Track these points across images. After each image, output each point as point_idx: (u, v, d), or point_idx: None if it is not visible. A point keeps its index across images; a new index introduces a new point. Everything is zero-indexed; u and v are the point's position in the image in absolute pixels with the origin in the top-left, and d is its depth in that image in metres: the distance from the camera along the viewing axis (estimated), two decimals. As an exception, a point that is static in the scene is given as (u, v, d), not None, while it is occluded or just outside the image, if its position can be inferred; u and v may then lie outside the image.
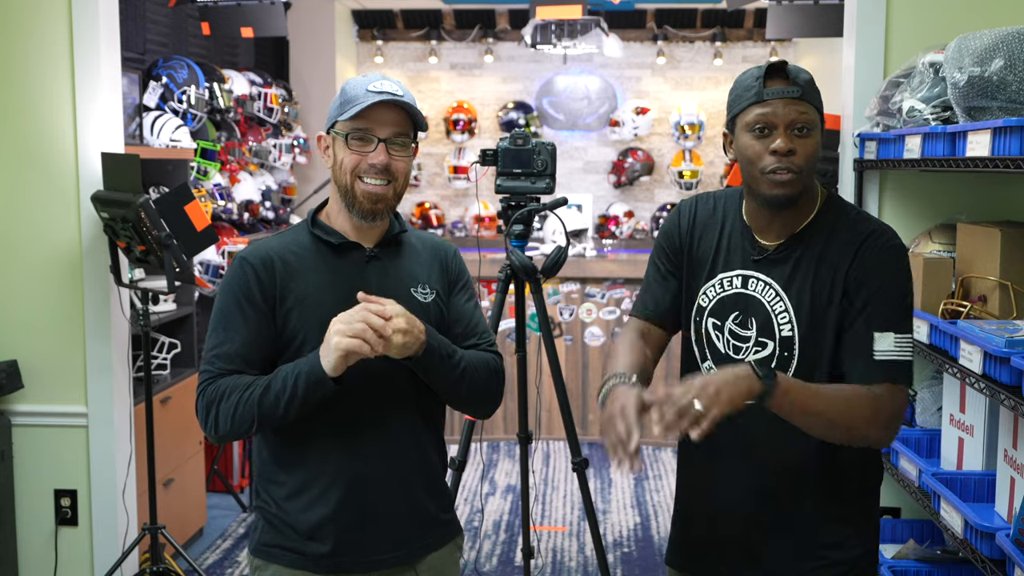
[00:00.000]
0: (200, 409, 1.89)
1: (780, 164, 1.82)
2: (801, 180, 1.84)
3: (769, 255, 1.92)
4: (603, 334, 6.19)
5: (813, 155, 1.84)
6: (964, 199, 3.07)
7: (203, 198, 4.80)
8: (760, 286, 1.92)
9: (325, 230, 1.98)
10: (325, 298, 1.91)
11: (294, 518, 1.93)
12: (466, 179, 7.28)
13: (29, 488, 3.53)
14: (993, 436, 2.50)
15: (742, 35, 7.37)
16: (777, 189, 1.84)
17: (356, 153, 1.91)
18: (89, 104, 3.41)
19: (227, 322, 1.91)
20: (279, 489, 1.95)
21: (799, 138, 1.82)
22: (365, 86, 1.92)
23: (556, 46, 6.18)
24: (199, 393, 1.90)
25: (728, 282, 1.96)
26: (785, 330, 1.89)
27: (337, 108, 1.95)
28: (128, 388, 3.59)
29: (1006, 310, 2.46)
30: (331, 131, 1.96)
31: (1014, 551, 2.03)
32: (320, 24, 6.89)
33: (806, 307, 1.87)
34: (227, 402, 1.85)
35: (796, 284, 1.89)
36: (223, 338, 1.90)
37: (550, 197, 3.08)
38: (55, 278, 3.46)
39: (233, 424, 1.86)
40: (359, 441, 1.93)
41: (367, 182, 1.91)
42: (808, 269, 1.88)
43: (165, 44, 5.07)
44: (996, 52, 2.14)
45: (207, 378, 1.89)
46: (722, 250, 1.98)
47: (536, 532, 4.70)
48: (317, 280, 1.93)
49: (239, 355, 1.89)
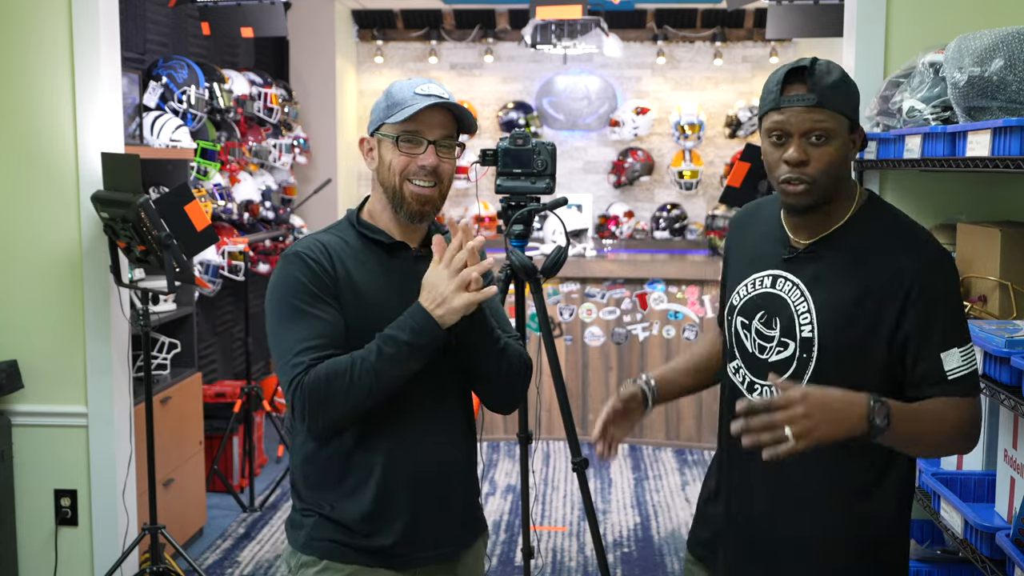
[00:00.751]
0: (302, 402, 1.82)
1: (792, 174, 1.81)
2: (816, 190, 1.81)
3: (799, 255, 1.90)
4: (603, 334, 6.19)
5: (830, 163, 1.80)
6: (964, 199, 3.07)
7: (203, 198, 4.80)
8: (787, 286, 1.90)
9: (372, 229, 1.99)
10: (381, 296, 1.93)
11: (350, 515, 1.93)
12: (466, 179, 7.28)
13: (29, 488, 3.53)
14: (993, 436, 2.50)
15: (742, 35, 7.37)
16: (791, 199, 1.84)
17: (406, 155, 1.93)
18: (89, 104, 3.41)
19: (300, 315, 1.87)
20: (333, 490, 1.94)
21: (814, 147, 1.79)
22: (412, 89, 1.95)
23: (556, 46, 6.18)
24: (294, 388, 1.82)
25: (760, 281, 1.95)
26: (806, 331, 1.86)
27: (384, 111, 1.96)
28: (128, 388, 3.59)
29: (1006, 310, 2.46)
30: (376, 133, 1.97)
31: (1014, 551, 2.03)
32: (320, 24, 6.90)
33: (830, 309, 1.84)
34: (337, 382, 1.80)
35: (821, 285, 1.86)
36: (304, 330, 1.85)
37: (550, 197, 3.08)
38: (55, 278, 3.46)
39: (349, 400, 1.81)
40: (413, 436, 1.94)
41: (416, 184, 1.93)
42: (836, 271, 1.86)
43: (165, 44, 5.07)
44: (996, 52, 2.14)
45: (301, 371, 1.82)
46: (757, 251, 1.98)
47: (536, 532, 4.70)
48: (372, 278, 1.94)
49: (328, 344, 1.85)
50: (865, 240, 1.86)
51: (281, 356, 1.87)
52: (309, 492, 1.97)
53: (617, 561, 4.39)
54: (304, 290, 1.88)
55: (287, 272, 1.91)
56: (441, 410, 1.99)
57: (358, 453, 1.93)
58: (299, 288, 1.88)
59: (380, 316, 1.88)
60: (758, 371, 1.92)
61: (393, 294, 1.92)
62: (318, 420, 1.84)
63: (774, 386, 1.69)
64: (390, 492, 1.93)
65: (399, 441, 1.93)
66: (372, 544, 1.93)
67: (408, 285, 1.91)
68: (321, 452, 1.95)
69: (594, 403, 6.16)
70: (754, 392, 1.93)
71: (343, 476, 1.94)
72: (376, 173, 1.98)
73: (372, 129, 1.99)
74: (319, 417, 1.83)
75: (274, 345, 1.90)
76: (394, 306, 1.88)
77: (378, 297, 1.93)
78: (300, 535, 1.97)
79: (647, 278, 6.18)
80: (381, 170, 1.96)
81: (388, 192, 1.96)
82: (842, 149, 1.82)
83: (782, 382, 1.68)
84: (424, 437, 1.96)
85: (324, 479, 1.96)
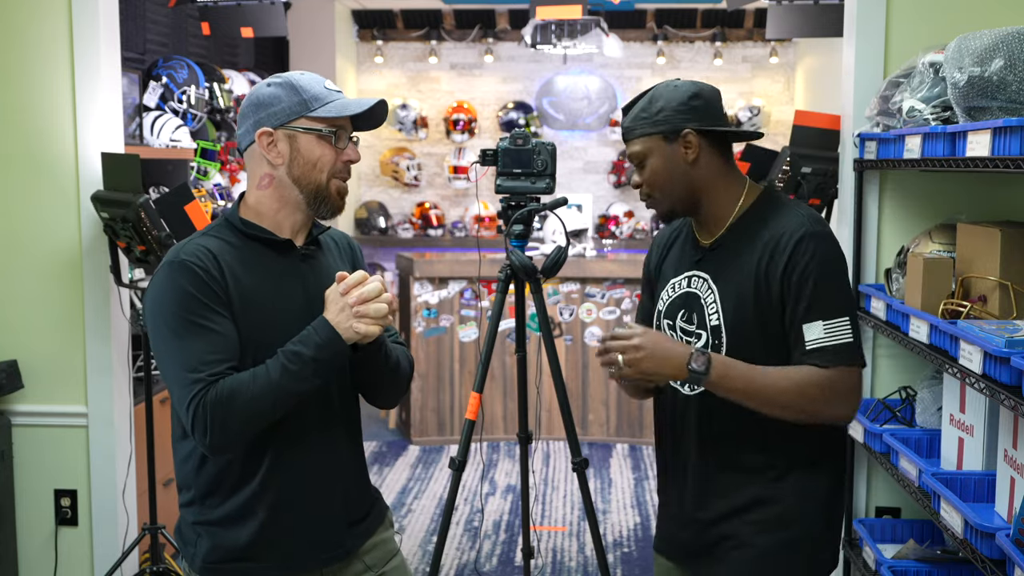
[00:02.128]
0: (203, 421, 1.76)
1: (641, 196, 2.12)
2: (657, 201, 2.08)
3: (706, 254, 2.08)
4: (603, 334, 6.18)
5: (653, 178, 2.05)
6: (964, 199, 3.07)
7: (203, 198, 4.80)
8: (699, 282, 2.08)
9: (257, 229, 1.92)
10: (271, 298, 1.88)
11: (235, 533, 1.90)
12: (466, 179, 7.28)
13: (29, 488, 3.52)
14: (993, 436, 2.50)
15: (742, 35, 7.37)
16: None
17: (335, 150, 1.91)
18: (89, 104, 3.41)
19: (193, 329, 1.78)
20: (223, 505, 1.91)
21: (641, 169, 2.07)
22: (321, 84, 1.93)
23: (556, 46, 6.18)
24: (194, 407, 1.76)
25: (678, 284, 2.12)
26: (713, 319, 2.02)
27: (300, 104, 1.88)
28: (128, 388, 3.59)
29: (1006, 310, 2.46)
30: (284, 127, 1.89)
31: (1014, 551, 2.03)
32: (320, 24, 6.90)
33: (730, 295, 2.00)
34: (239, 400, 1.76)
35: (722, 274, 2.03)
36: (199, 345, 1.78)
37: (550, 197, 3.08)
38: (55, 278, 3.46)
39: (251, 418, 1.78)
40: (302, 441, 1.92)
41: (339, 179, 1.93)
42: (733, 260, 2.02)
43: (165, 44, 5.07)
44: (996, 52, 2.14)
45: (200, 388, 1.75)
46: (677, 260, 2.15)
47: (536, 532, 4.70)
48: (259, 280, 1.88)
49: (224, 358, 1.79)
50: (755, 228, 2.02)
51: (175, 374, 1.79)
52: (198, 497, 1.93)
53: (617, 561, 4.39)
54: (194, 301, 1.79)
55: (173, 282, 1.81)
56: (329, 414, 1.96)
57: (251, 465, 1.89)
58: (188, 300, 1.79)
59: (271, 319, 1.85)
60: None
61: (282, 295, 1.89)
62: (217, 437, 1.77)
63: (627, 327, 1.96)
64: (280, 502, 1.90)
65: (288, 446, 1.90)
66: (269, 557, 1.92)
67: (296, 285, 1.91)
68: (212, 461, 1.90)
69: (594, 403, 6.16)
70: (684, 386, 2.08)
71: (235, 486, 1.90)
72: (286, 169, 1.90)
73: (279, 123, 1.89)
74: (218, 435, 1.77)
75: (165, 362, 1.82)
76: (284, 308, 1.87)
77: (268, 299, 1.87)
78: (196, 554, 1.96)
79: (647, 278, 6.18)
80: (298, 166, 1.89)
81: (309, 190, 1.90)
82: (659, 164, 2.03)
83: (631, 323, 2.00)
84: (314, 439, 1.93)
85: (210, 486, 1.91)
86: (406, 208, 7.60)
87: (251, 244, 1.91)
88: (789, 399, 1.92)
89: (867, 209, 3.14)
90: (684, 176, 2.03)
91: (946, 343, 2.45)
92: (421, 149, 7.75)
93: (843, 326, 1.93)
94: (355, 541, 2.03)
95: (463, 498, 5.15)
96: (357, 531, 2.03)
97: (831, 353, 1.92)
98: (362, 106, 1.91)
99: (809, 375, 1.92)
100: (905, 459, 2.73)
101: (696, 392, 2.05)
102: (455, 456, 3.08)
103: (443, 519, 3.09)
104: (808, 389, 1.92)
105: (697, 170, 2.03)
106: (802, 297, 1.93)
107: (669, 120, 2.02)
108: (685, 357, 1.90)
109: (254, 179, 1.94)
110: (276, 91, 1.91)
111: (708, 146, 2.04)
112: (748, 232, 2.02)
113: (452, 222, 7.52)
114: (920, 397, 2.97)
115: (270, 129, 1.90)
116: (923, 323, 2.57)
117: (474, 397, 3.01)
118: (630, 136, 2.07)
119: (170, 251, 1.88)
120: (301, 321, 1.86)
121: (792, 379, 1.92)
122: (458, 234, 7.44)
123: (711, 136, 2.04)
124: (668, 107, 2.03)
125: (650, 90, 2.08)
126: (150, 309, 1.85)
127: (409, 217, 7.53)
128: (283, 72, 2.04)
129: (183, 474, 1.95)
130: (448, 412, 6.16)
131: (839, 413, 1.97)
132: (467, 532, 4.75)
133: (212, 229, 1.94)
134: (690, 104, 2.03)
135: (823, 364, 1.92)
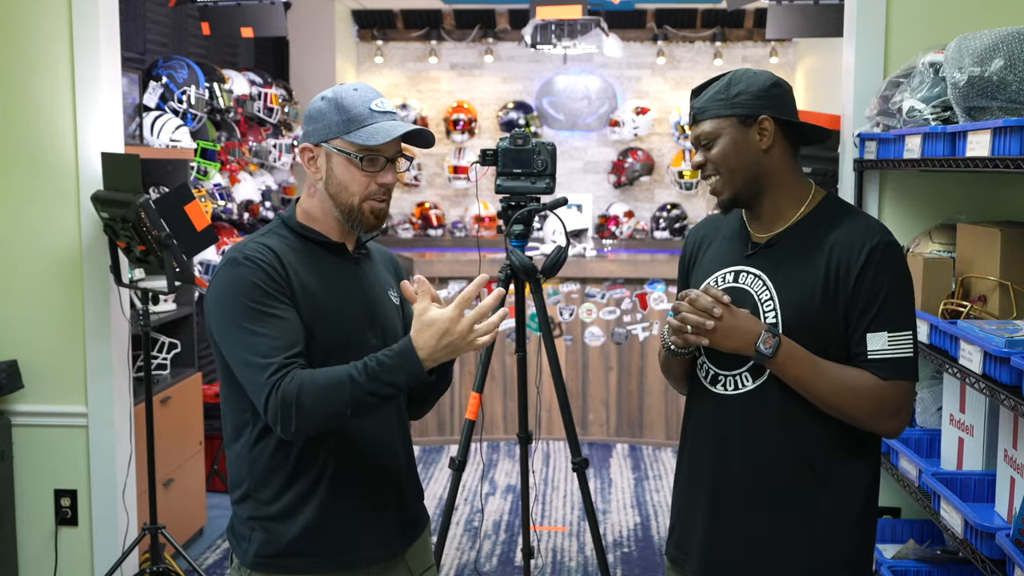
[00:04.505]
0: (283, 407, 1.76)
1: (702, 175, 2.06)
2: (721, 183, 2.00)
3: (760, 249, 2.01)
4: (603, 334, 6.19)
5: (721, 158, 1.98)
6: (964, 199, 3.07)
7: (203, 198, 4.80)
8: (750, 279, 2.01)
9: (312, 232, 1.95)
10: (329, 296, 1.92)
11: (289, 528, 1.92)
12: (466, 179, 7.28)
13: (29, 488, 3.53)
14: (993, 436, 2.50)
15: (742, 35, 7.37)
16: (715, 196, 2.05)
17: (367, 175, 1.90)
18: (89, 104, 3.41)
19: (263, 317, 1.81)
20: (278, 500, 1.92)
21: (706, 149, 2.02)
22: (367, 104, 1.90)
23: (556, 46, 6.17)
24: (269, 388, 1.77)
25: (722, 278, 2.05)
26: (770, 317, 1.96)
27: (339, 125, 1.89)
28: (128, 388, 3.59)
29: (1006, 310, 2.46)
30: (324, 144, 1.91)
31: (1014, 551, 2.03)
32: (320, 24, 6.89)
33: (792, 293, 1.95)
34: (317, 397, 1.76)
35: (782, 273, 1.97)
36: (271, 332, 1.80)
37: (550, 197, 3.08)
38: (55, 278, 3.46)
39: (322, 418, 1.78)
40: (360, 446, 1.95)
41: (374, 201, 1.92)
42: (795, 259, 1.96)
43: (165, 44, 5.07)
44: (996, 52, 2.14)
45: (277, 373, 1.77)
46: (719, 254, 2.09)
47: (536, 532, 4.70)
48: (319, 279, 1.93)
49: (295, 343, 1.81)
50: (823, 230, 1.97)
51: (247, 361, 1.81)
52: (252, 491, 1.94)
53: (617, 561, 4.39)
54: (260, 292, 1.82)
55: (238, 276, 1.84)
56: (388, 417, 2.00)
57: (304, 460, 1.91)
58: (254, 290, 1.82)
59: (331, 317, 1.89)
60: (722, 363, 2.00)
61: (341, 294, 1.94)
62: (293, 427, 1.78)
63: (708, 293, 1.92)
64: (335, 499, 1.92)
65: (346, 444, 1.92)
66: (320, 553, 1.93)
67: (353, 285, 1.96)
68: (266, 455, 1.92)
69: (594, 403, 6.16)
70: (717, 384, 2.02)
71: (289, 480, 1.91)
72: (324, 185, 1.93)
73: (319, 139, 1.92)
74: (295, 424, 1.78)
75: (235, 353, 1.83)
76: (341, 307, 1.91)
77: (328, 298, 1.91)
78: (248, 550, 1.97)
79: (647, 278, 6.18)
80: (333, 184, 1.92)
81: (343, 209, 1.92)
82: (728, 146, 1.98)
83: (715, 290, 1.93)
84: (372, 440, 1.96)
85: (263, 479, 1.93)
86: (406, 208, 7.60)
87: (308, 245, 1.95)
88: (841, 401, 1.90)
89: (867, 209, 3.14)
90: (755, 162, 1.98)
91: (946, 343, 2.45)
92: (421, 149, 7.73)
93: (906, 340, 1.91)
94: (403, 543, 2.04)
95: (463, 498, 5.15)
96: (407, 534, 2.05)
97: (891, 365, 1.90)
98: (390, 135, 1.88)
99: (867, 384, 1.90)
100: (905, 459, 2.73)
101: (741, 391, 1.98)
102: (455, 456, 3.08)
103: (443, 519, 3.10)
104: (864, 396, 1.90)
105: (769, 159, 1.98)
106: (872, 305, 1.90)
107: (748, 104, 1.97)
108: (755, 336, 1.89)
109: (306, 185, 2.00)
110: (324, 106, 1.92)
111: (782, 137, 1.99)
112: (814, 233, 1.97)
113: (452, 222, 7.52)
114: (920, 397, 2.97)
115: (311, 145, 1.94)
116: (923, 323, 2.57)
117: (474, 397, 3.02)
118: (702, 116, 2.00)
119: (229, 250, 1.91)
120: (359, 321, 1.93)
121: (848, 383, 1.90)
122: (458, 234, 7.43)
123: (785, 128, 2.00)
124: (748, 91, 1.98)
125: (727, 74, 2.02)
126: (215, 304, 1.87)
127: (409, 217, 7.52)
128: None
129: (236, 470, 1.97)
130: (448, 412, 6.16)
131: (888, 427, 1.95)
132: (467, 532, 4.75)
133: (269, 230, 1.97)
134: (770, 92, 1.98)
135: (883, 376, 1.90)
